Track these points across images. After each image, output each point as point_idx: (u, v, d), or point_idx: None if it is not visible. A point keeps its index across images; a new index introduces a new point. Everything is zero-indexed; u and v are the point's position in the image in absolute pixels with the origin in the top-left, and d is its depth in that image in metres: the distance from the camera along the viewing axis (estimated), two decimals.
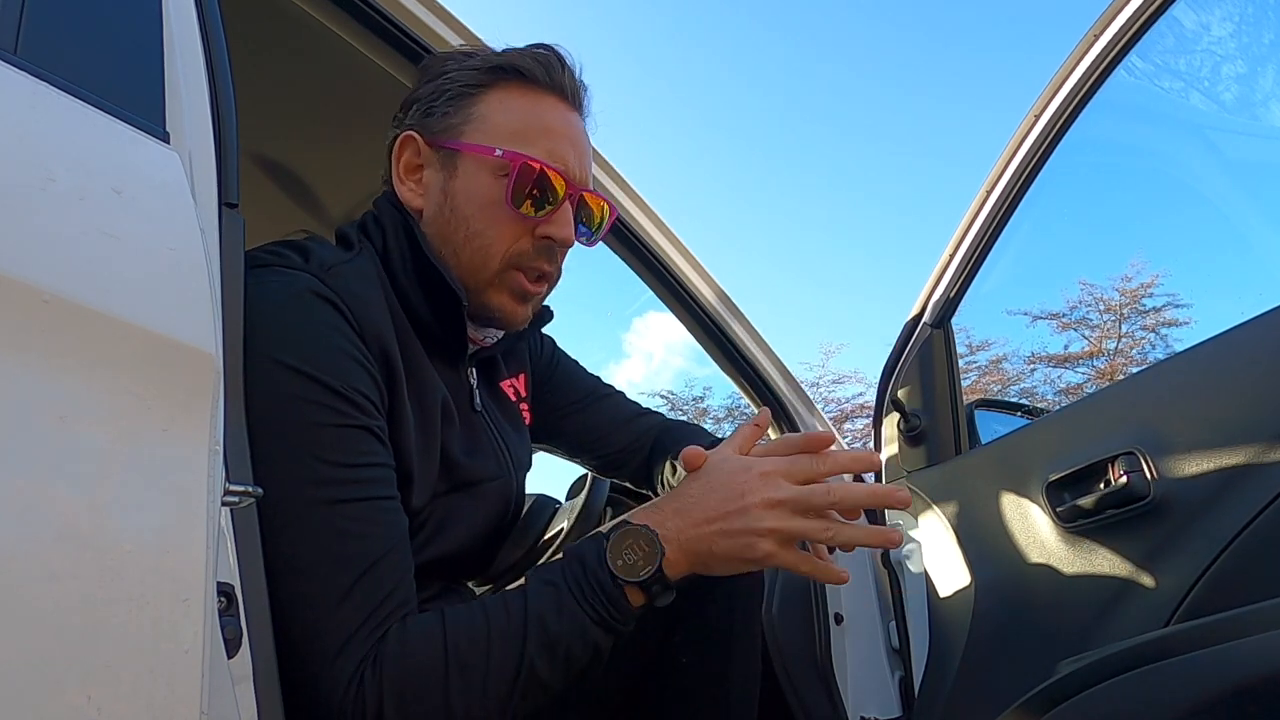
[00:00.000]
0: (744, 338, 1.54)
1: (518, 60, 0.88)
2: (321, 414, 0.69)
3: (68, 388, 0.44)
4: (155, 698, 0.44)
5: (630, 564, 0.72)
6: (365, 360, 0.74)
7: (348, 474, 0.70)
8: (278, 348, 0.69)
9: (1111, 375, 11.05)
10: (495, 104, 0.87)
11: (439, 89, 0.89)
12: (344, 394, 0.71)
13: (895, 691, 1.46)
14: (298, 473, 0.67)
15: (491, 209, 0.86)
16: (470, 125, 0.87)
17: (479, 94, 0.88)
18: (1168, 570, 1.01)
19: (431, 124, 0.88)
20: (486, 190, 0.85)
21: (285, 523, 0.66)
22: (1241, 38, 2.13)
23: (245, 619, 0.56)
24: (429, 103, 0.89)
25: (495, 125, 0.87)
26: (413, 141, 0.89)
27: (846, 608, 1.49)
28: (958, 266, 1.44)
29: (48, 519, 0.42)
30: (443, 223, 0.87)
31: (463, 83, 0.88)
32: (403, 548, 0.73)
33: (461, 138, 0.87)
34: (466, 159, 0.86)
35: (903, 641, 1.42)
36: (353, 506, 0.69)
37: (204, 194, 0.59)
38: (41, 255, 0.45)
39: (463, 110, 0.88)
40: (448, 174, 0.87)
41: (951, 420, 1.49)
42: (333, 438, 0.70)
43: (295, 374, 0.69)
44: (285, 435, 0.68)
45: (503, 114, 0.87)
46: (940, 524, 1.37)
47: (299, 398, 0.69)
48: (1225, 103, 2.37)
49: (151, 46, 0.61)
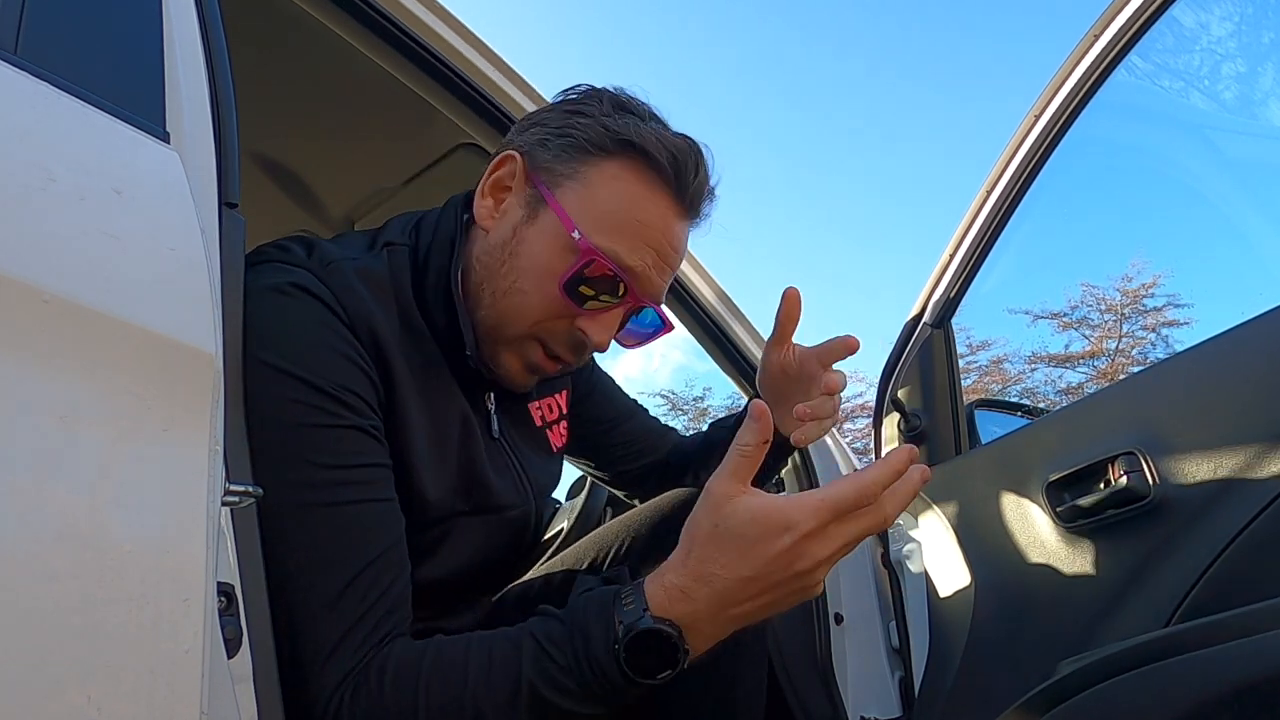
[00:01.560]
0: (744, 338, 1.54)
1: (653, 143, 0.80)
2: (309, 415, 0.68)
3: (68, 388, 0.44)
4: (155, 698, 0.44)
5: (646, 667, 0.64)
6: (358, 357, 0.72)
7: (339, 475, 0.69)
8: (263, 347, 0.68)
9: (1112, 375, 11.06)
10: (607, 176, 0.80)
11: (565, 127, 0.82)
12: (333, 394, 0.69)
13: (895, 691, 1.46)
14: (288, 475, 0.66)
15: (545, 279, 0.79)
16: (572, 183, 0.80)
17: (597, 157, 0.81)
18: (1168, 570, 1.01)
19: (540, 157, 0.82)
20: (549, 259, 0.79)
21: (277, 525, 0.65)
22: (1241, 37, 2.14)
23: (245, 619, 0.56)
24: (549, 134, 0.82)
25: (593, 199, 0.80)
26: (513, 162, 0.83)
27: (846, 608, 1.49)
28: (958, 266, 1.44)
29: (48, 519, 0.42)
30: (497, 261, 0.82)
31: (588, 137, 0.81)
32: (397, 549, 0.71)
33: (556, 191, 0.80)
34: (550, 215, 0.80)
35: (903, 641, 1.42)
36: (345, 509, 0.68)
37: (204, 194, 0.59)
38: (41, 255, 0.45)
39: (573, 164, 0.81)
40: (527, 214, 0.82)
41: (951, 420, 1.49)
42: (322, 439, 0.68)
43: (281, 374, 0.68)
44: (274, 437, 0.67)
45: (607, 191, 0.80)
46: (940, 524, 1.37)
47: (286, 399, 0.68)
48: (1225, 102, 2.37)
49: (151, 46, 0.61)
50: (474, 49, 1.15)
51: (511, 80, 1.20)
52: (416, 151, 1.43)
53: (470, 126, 1.22)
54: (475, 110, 1.19)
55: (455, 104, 1.18)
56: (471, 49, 1.15)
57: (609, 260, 0.78)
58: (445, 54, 1.12)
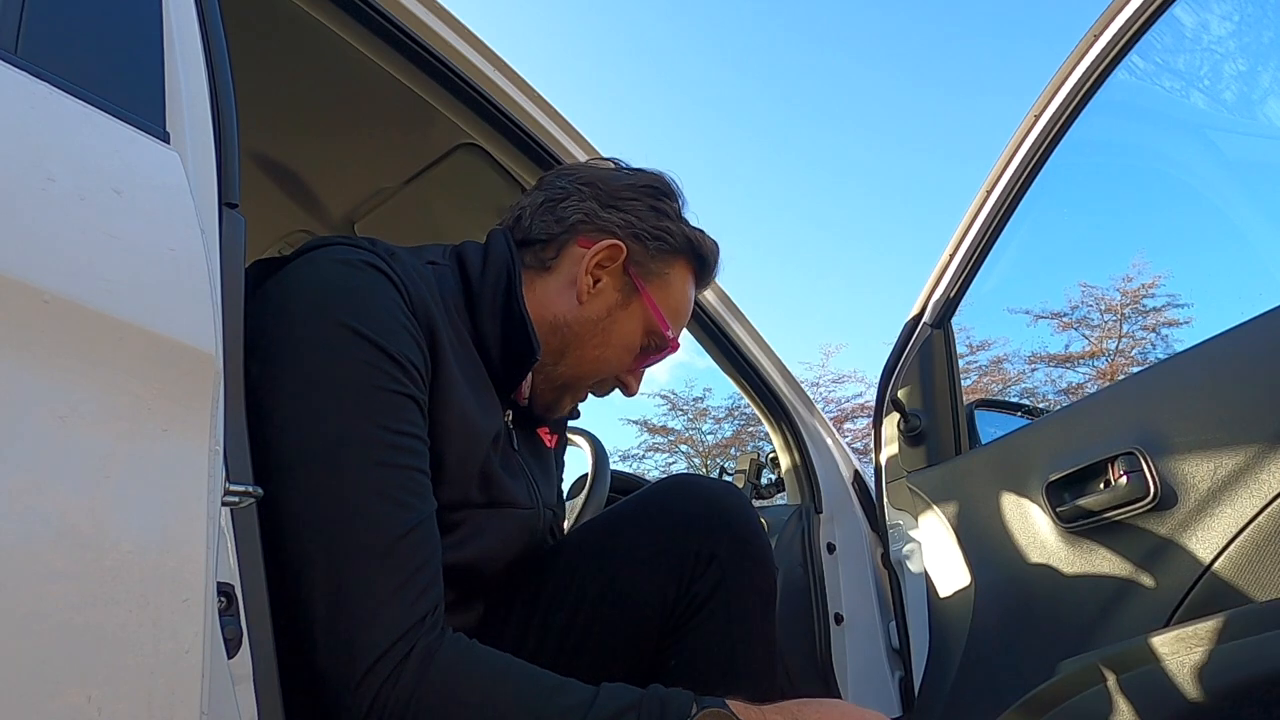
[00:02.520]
0: (744, 338, 1.54)
1: (707, 250, 1.00)
2: (379, 378, 0.71)
3: (68, 388, 0.44)
4: (155, 698, 0.44)
5: None
6: (416, 333, 0.76)
7: (398, 440, 0.71)
8: (340, 309, 0.72)
9: (1112, 375, 11.06)
10: (679, 276, 0.99)
11: (657, 229, 0.96)
12: (401, 362, 0.73)
13: (895, 691, 1.46)
14: (347, 431, 0.69)
15: (624, 352, 0.97)
16: (660, 280, 0.97)
17: (676, 260, 0.98)
18: (1168, 570, 1.01)
19: (637, 252, 0.95)
20: (634, 338, 0.97)
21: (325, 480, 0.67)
22: (1242, 36, 2.13)
23: (245, 619, 0.56)
24: (643, 229, 0.95)
25: (670, 295, 0.98)
26: (620, 253, 0.94)
27: (846, 608, 1.49)
28: (958, 266, 1.44)
29: (48, 519, 0.42)
30: (589, 332, 0.94)
31: (673, 241, 0.97)
32: (434, 522, 0.73)
33: (649, 287, 0.96)
34: (641, 305, 0.96)
35: (903, 641, 1.42)
36: (396, 472, 0.70)
37: (204, 194, 0.59)
38: (41, 255, 0.45)
39: (661, 263, 0.97)
40: (622, 299, 0.95)
41: (951, 420, 1.49)
42: (388, 402, 0.71)
43: (357, 336, 0.71)
44: (339, 394, 0.69)
45: (677, 289, 0.99)
46: (940, 524, 1.37)
47: (358, 359, 0.71)
48: (1226, 102, 2.37)
49: (151, 46, 0.61)
50: (474, 49, 1.15)
51: (511, 80, 1.20)
52: (416, 151, 1.42)
53: (470, 126, 1.22)
54: (475, 110, 1.19)
55: (455, 104, 1.18)
56: (471, 49, 1.15)
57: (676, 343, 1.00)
58: (445, 54, 1.12)
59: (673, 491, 0.97)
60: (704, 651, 0.91)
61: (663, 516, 0.95)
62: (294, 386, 0.70)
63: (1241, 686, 0.67)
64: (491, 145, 1.26)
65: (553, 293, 0.94)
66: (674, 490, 0.98)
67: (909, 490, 1.46)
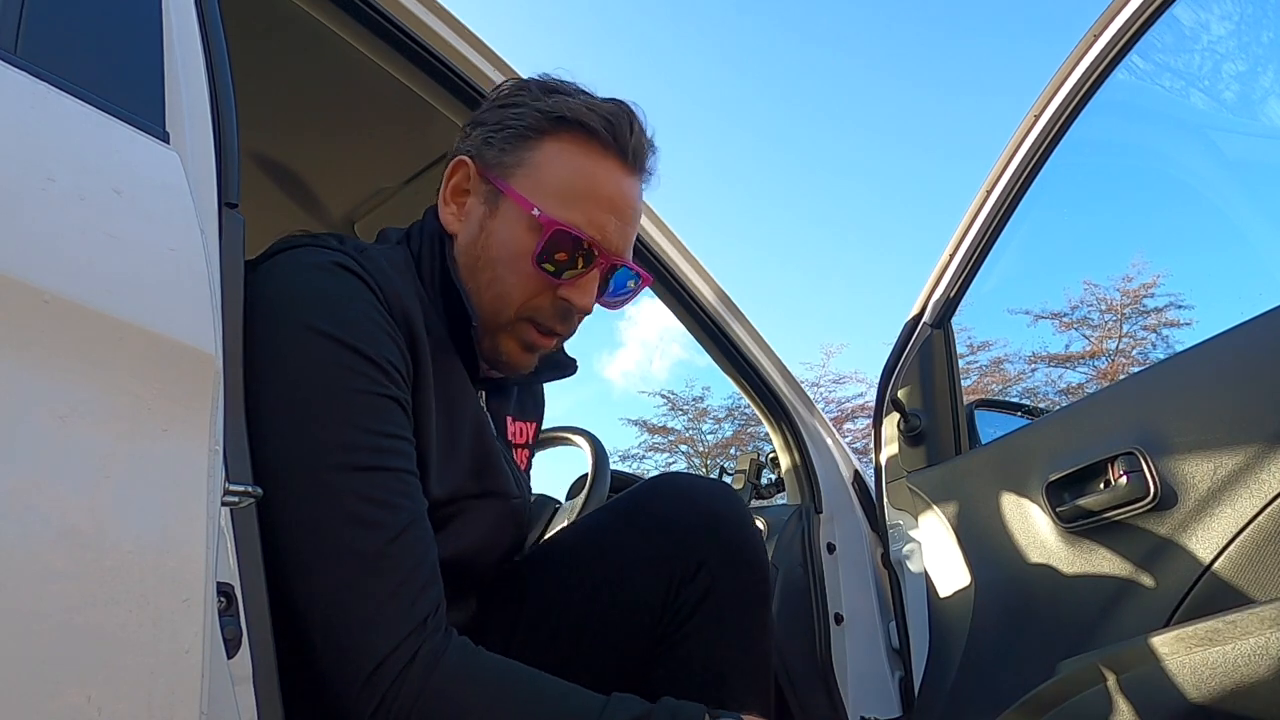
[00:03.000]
0: (744, 338, 1.54)
1: (585, 114, 0.86)
2: (356, 380, 0.70)
3: (68, 388, 0.44)
4: (155, 698, 0.44)
5: None
6: (394, 333, 0.75)
7: (379, 442, 0.70)
8: (310, 313, 0.70)
9: (1112, 375, 11.05)
10: (551, 154, 0.86)
11: (504, 121, 0.88)
12: (377, 362, 0.72)
13: (895, 691, 1.46)
14: (327, 439, 0.68)
15: (519, 261, 0.85)
16: (522, 170, 0.86)
17: (538, 140, 0.86)
18: (1168, 570, 1.01)
19: (487, 155, 0.87)
20: (519, 242, 0.85)
21: (311, 488, 0.66)
22: (1241, 35, 2.13)
23: (245, 619, 0.56)
24: (490, 132, 0.88)
25: (544, 178, 0.85)
26: (465, 167, 0.89)
27: (846, 608, 1.49)
28: (958, 266, 1.44)
29: (48, 519, 0.42)
30: (472, 257, 0.87)
31: (526, 123, 0.86)
32: (426, 521, 0.73)
33: (510, 180, 0.86)
34: (509, 203, 0.86)
35: (903, 641, 1.42)
36: (382, 475, 0.69)
37: (204, 194, 0.59)
38: (41, 255, 0.45)
39: (518, 152, 0.86)
40: (489, 210, 0.87)
41: (951, 420, 1.49)
42: (367, 404, 0.70)
43: (329, 339, 0.70)
44: (317, 399, 0.68)
45: (554, 168, 0.86)
46: (940, 524, 1.37)
47: (333, 362, 0.70)
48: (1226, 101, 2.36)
49: (151, 46, 0.61)
50: (474, 49, 1.15)
51: None
52: (416, 151, 1.42)
53: None
54: (475, 110, 1.18)
55: (455, 104, 1.17)
56: (472, 49, 1.15)
57: (571, 228, 0.83)
58: (445, 54, 1.12)
59: (661, 496, 0.96)
60: (693, 659, 0.91)
61: (651, 521, 0.94)
62: (272, 396, 0.68)
63: (1241, 686, 0.67)
64: None
65: None
66: (662, 495, 0.96)
67: (909, 490, 1.46)
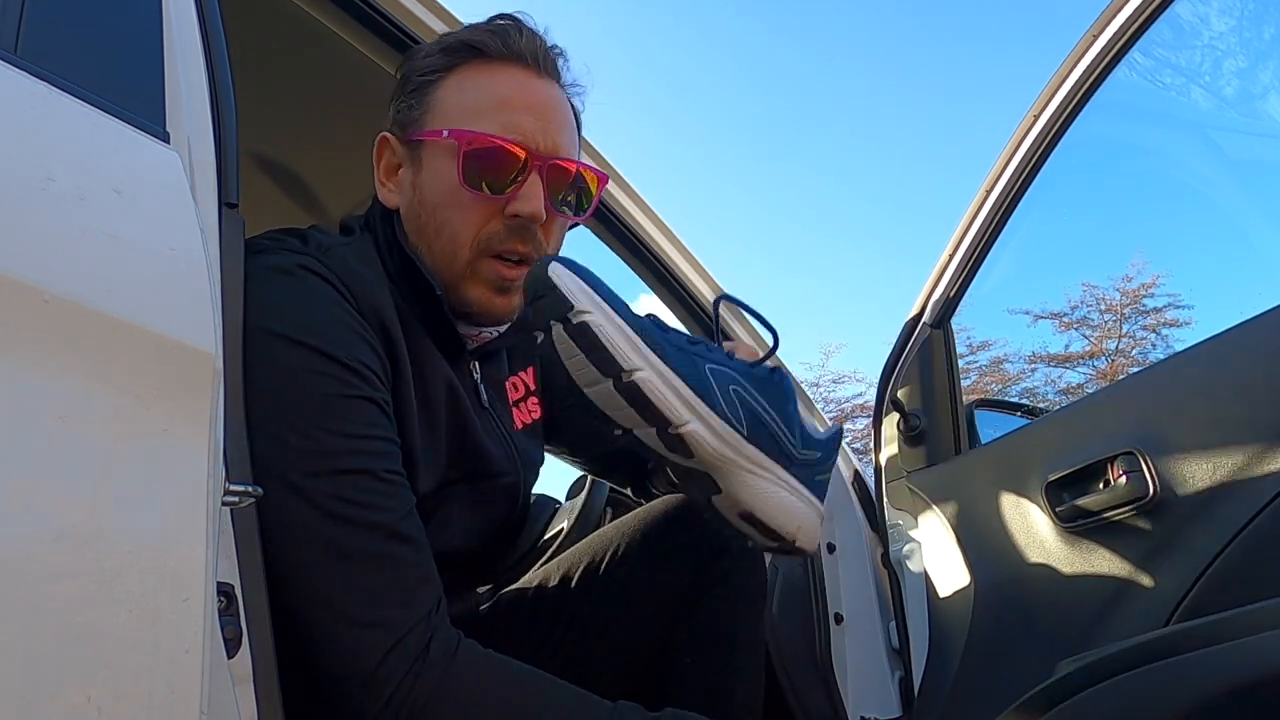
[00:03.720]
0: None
1: (470, 36, 0.85)
2: (327, 384, 0.69)
3: (68, 388, 0.44)
4: (155, 698, 0.44)
5: None
6: (365, 333, 0.74)
7: (357, 444, 0.69)
8: (273, 320, 0.69)
9: (1112, 375, 11.05)
10: (452, 87, 0.85)
11: (404, 82, 0.88)
12: (348, 364, 0.70)
13: (895, 691, 1.45)
14: (305, 446, 0.67)
15: (452, 194, 0.82)
16: (429, 114, 0.85)
17: (438, 80, 0.85)
18: (1168, 570, 1.01)
19: (400, 120, 0.87)
20: (445, 176, 0.82)
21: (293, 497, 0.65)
22: (1242, 32, 2.13)
23: (245, 619, 0.56)
24: (397, 100, 0.88)
25: (450, 108, 0.84)
26: (387, 142, 0.89)
27: (846, 608, 1.49)
28: (957, 266, 1.44)
29: (48, 519, 0.42)
30: (414, 217, 0.85)
31: (421, 72, 0.86)
32: (415, 518, 0.72)
33: (422, 128, 0.85)
34: (427, 148, 0.85)
35: (903, 641, 1.42)
36: (363, 477, 0.68)
37: (204, 194, 0.59)
38: (41, 255, 0.45)
39: (423, 100, 0.85)
40: (415, 168, 0.86)
41: (951, 420, 1.49)
42: (341, 408, 0.69)
43: (297, 346, 0.69)
44: (288, 408, 0.67)
45: (458, 95, 0.84)
46: (940, 524, 1.37)
47: (303, 369, 0.68)
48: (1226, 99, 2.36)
49: (151, 46, 0.61)
50: None
51: None
52: None
53: None
54: None
55: None
56: None
57: (487, 136, 0.81)
58: None
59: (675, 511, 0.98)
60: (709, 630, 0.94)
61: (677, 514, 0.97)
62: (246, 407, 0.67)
63: (1241, 686, 0.67)
64: None
65: None
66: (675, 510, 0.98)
67: (909, 490, 1.46)
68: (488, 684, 0.69)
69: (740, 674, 0.93)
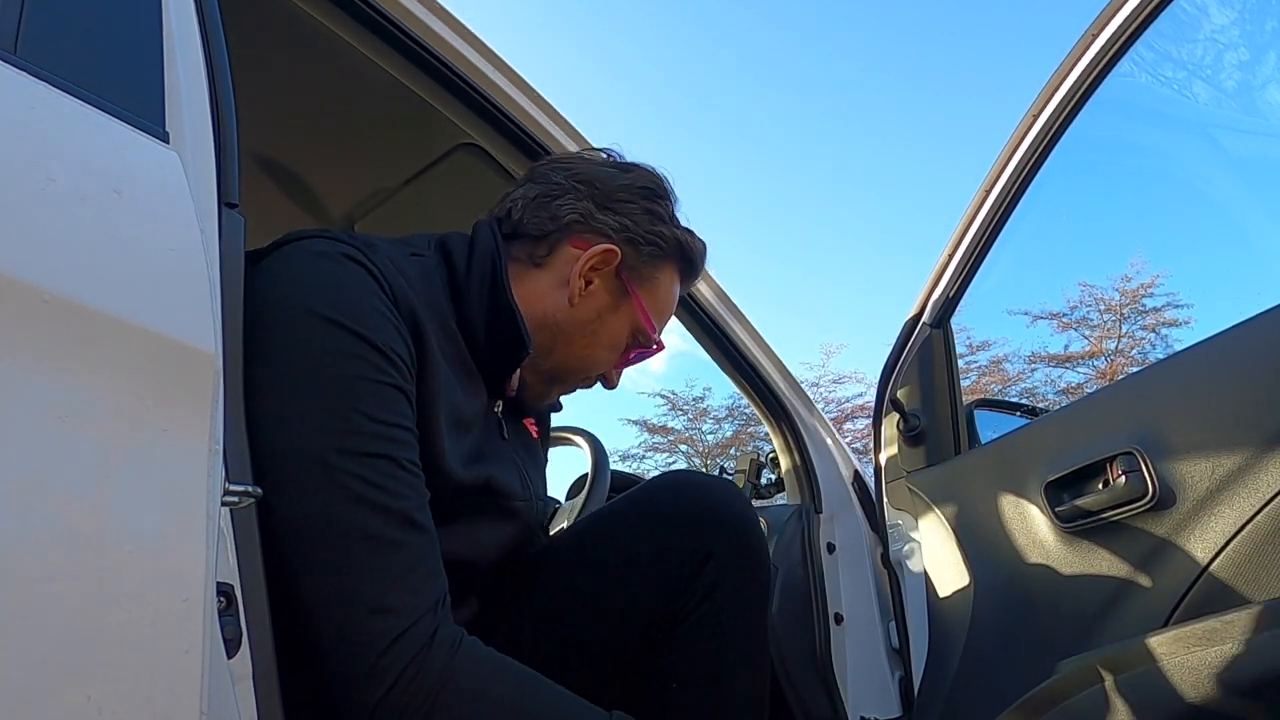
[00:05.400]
0: (744, 338, 1.54)
1: (695, 253, 1.01)
2: (362, 368, 0.70)
3: (68, 388, 0.44)
4: (155, 698, 0.44)
5: None
6: (398, 323, 0.75)
7: (383, 430, 0.70)
8: (315, 300, 0.71)
9: (1112, 375, 11.05)
10: (668, 278, 1.00)
11: (650, 233, 0.96)
12: (383, 350, 0.72)
13: (895, 691, 1.46)
14: (331, 424, 0.68)
15: (611, 351, 0.98)
16: (649, 284, 0.98)
17: (665, 262, 0.98)
18: (1167, 570, 1.01)
19: (630, 256, 0.95)
20: (621, 339, 0.98)
21: (316, 474, 0.66)
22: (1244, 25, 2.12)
23: (245, 619, 0.56)
24: (637, 233, 0.95)
25: (659, 298, 0.99)
26: (614, 258, 0.94)
27: (846, 608, 1.49)
28: (957, 266, 1.44)
29: (48, 519, 0.42)
30: (578, 332, 0.95)
31: (663, 244, 0.97)
32: (428, 512, 0.73)
33: (639, 291, 0.97)
34: (631, 308, 0.97)
35: (903, 641, 1.42)
36: (386, 463, 0.69)
37: (204, 194, 0.59)
38: (41, 255, 0.45)
39: (651, 266, 0.97)
40: (613, 302, 0.96)
41: (951, 420, 1.49)
42: (372, 392, 0.70)
43: (335, 326, 0.70)
44: (321, 387, 0.68)
45: (665, 291, 1.00)
46: (940, 524, 1.37)
47: (339, 350, 0.70)
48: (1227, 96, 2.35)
49: (151, 46, 0.61)
50: (474, 49, 1.15)
51: (511, 80, 1.20)
52: (416, 151, 1.42)
53: (470, 126, 1.22)
54: (475, 110, 1.18)
55: (455, 104, 1.17)
56: (471, 49, 1.15)
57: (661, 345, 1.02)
58: (445, 54, 1.12)
59: (669, 489, 0.97)
60: (697, 649, 0.91)
61: (659, 515, 0.95)
62: (277, 382, 0.69)
63: (1241, 687, 0.67)
64: (491, 145, 1.25)
65: (543, 290, 0.94)
66: (670, 488, 0.98)
67: (909, 490, 1.46)
68: (488, 681, 0.69)
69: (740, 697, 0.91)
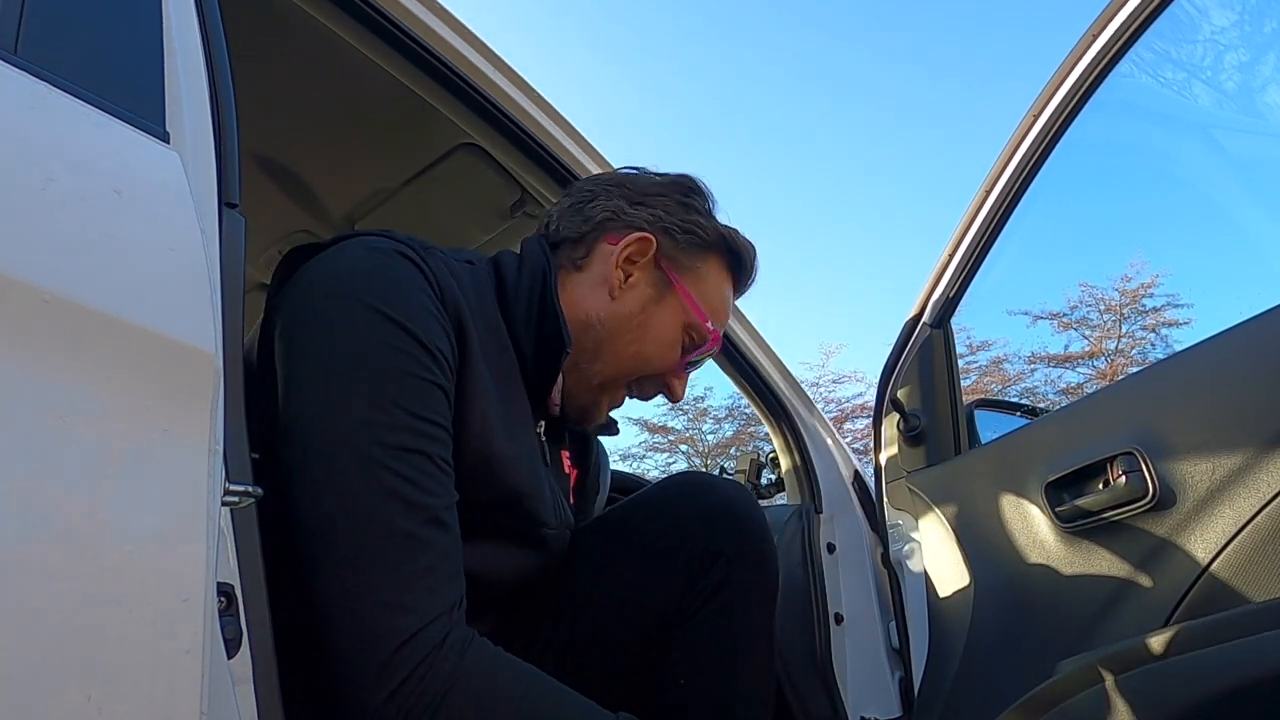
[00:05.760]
0: (744, 337, 1.54)
1: (742, 248, 1.00)
2: (408, 363, 0.71)
3: (68, 388, 0.44)
4: (155, 698, 0.44)
5: None
6: (444, 323, 0.76)
7: (421, 426, 0.70)
8: (367, 293, 0.72)
9: (1112, 375, 11.05)
10: (714, 271, 0.98)
11: (687, 222, 0.95)
12: (428, 347, 0.72)
13: (895, 691, 1.46)
14: (376, 418, 0.68)
15: (666, 350, 0.95)
16: (693, 275, 0.96)
17: (710, 254, 0.97)
18: (1167, 570, 1.01)
19: (667, 245, 0.94)
20: (674, 335, 0.95)
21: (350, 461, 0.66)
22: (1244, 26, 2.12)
23: (245, 619, 0.56)
24: (672, 223, 0.95)
25: (707, 291, 0.97)
26: (649, 246, 0.94)
27: (846, 608, 1.49)
28: (957, 266, 1.44)
29: (48, 519, 0.42)
30: (623, 328, 0.93)
31: (706, 234, 0.96)
32: (455, 514, 0.73)
33: (684, 280, 0.95)
34: (677, 298, 0.95)
35: (903, 641, 1.42)
36: (420, 459, 0.69)
37: (204, 194, 0.59)
38: (41, 255, 0.45)
39: (694, 257, 0.96)
40: (656, 294, 0.94)
41: (951, 420, 1.49)
42: (415, 387, 0.71)
43: (386, 320, 0.71)
44: (368, 378, 0.69)
45: (712, 283, 0.98)
46: (940, 524, 1.37)
47: (387, 343, 0.70)
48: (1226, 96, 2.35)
49: (151, 46, 0.61)
50: (474, 49, 1.15)
51: (511, 80, 1.20)
52: (416, 151, 1.42)
53: (470, 126, 1.22)
54: (475, 110, 1.19)
55: (455, 104, 1.18)
56: (471, 49, 1.15)
57: (719, 340, 0.99)
58: (445, 54, 1.12)
59: (683, 489, 0.98)
60: (705, 645, 0.92)
61: (671, 514, 0.95)
62: (321, 368, 0.70)
63: (1240, 686, 0.67)
64: (491, 145, 1.26)
65: (585, 290, 0.94)
66: (684, 488, 0.98)
67: (909, 490, 1.46)
68: (495, 683, 0.68)
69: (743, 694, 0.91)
